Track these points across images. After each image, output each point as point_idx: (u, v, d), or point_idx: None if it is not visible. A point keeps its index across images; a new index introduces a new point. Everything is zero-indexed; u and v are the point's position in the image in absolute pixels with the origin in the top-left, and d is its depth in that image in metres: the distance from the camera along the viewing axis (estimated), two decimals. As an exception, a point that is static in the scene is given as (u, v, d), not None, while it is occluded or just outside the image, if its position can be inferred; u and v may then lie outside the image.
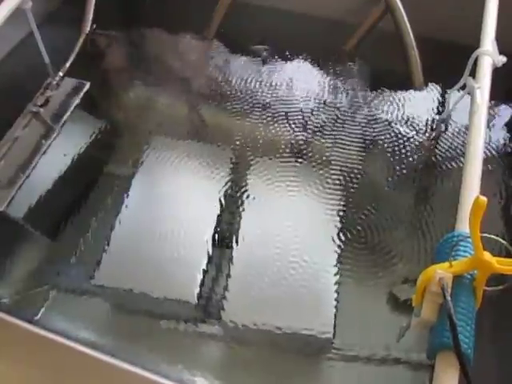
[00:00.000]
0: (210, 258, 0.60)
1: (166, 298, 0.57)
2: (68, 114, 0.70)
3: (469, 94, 0.54)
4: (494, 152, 0.69)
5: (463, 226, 0.41)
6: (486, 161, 0.60)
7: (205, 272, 0.59)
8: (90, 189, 0.73)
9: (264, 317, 0.56)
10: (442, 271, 0.36)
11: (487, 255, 0.35)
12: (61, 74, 0.72)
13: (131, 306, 0.63)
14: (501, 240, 0.35)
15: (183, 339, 0.60)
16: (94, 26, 0.77)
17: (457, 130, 0.72)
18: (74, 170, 0.72)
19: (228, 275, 0.59)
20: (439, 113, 0.73)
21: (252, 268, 0.59)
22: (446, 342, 0.34)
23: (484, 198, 0.34)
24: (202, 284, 0.58)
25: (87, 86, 0.73)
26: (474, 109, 0.49)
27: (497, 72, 0.56)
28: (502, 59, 0.53)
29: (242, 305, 0.56)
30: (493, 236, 0.36)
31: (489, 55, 0.53)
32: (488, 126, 0.71)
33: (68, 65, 0.72)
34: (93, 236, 0.70)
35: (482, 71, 0.52)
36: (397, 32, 0.67)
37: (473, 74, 0.55)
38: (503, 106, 0.74)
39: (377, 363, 0.58)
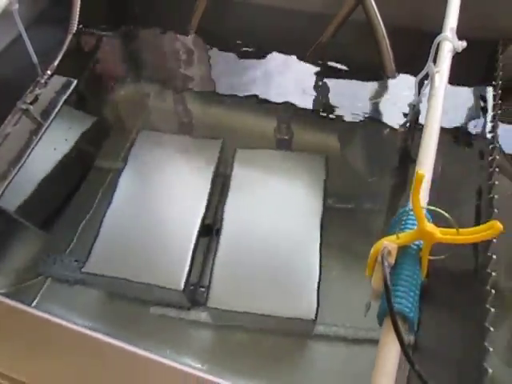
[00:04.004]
0: (196, 246, 0.61)
1: (155, 285, 0.58)
2: (56, 110, 0.72)
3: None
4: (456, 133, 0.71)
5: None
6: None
7: (192, 260, 0.60)
8: (81, 182, 0.75)
9: (249, 301, 0.57)
10: (388, 242, 0.38)
11: (430, 226, 0.37)
12: (49, 72, 0.74)
13: (121, 293, 0.64)
14: (442, 212, 0.37)
15: (172, 325, 0.62)
16: (81, 25, 0.79)
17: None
18: (65, 164, 0.74)
19: (213, 262, 0.60)
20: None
21: (237, 255, 0.60)
22: (390, 306, 0.36)
23: (423, 172, 0.36)
24: (190, 271, 0.59)
25: (74, 83, 0.75)
26: (432, 92, 0.51)
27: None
28: (463, 44, 0.55)
29: (227, 290, 0.58)
30: (437, 209, 0.38)
31: (449, 40, 0.54)
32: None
33: (56, 64, 0.74)
34: (84, 227, 0.72)
35: (442, 56, 0.54)
36: (368, 22, 0.69)
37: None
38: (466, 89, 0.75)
39: (360, 343, 0.59)
